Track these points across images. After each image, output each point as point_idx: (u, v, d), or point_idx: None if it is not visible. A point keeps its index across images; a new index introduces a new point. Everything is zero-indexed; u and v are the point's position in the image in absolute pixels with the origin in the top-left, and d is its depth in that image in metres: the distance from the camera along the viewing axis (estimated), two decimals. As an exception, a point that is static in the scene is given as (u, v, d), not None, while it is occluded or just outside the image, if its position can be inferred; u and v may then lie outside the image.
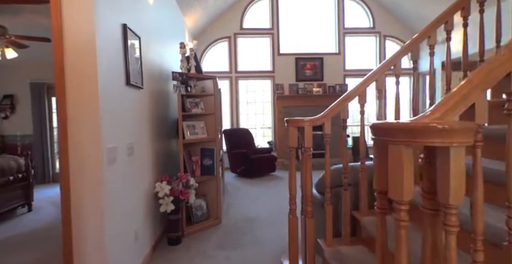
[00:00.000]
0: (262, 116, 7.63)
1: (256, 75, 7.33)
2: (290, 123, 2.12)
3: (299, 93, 7.12)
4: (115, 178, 1.98)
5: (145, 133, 2.75)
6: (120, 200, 2.08)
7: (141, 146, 2.62)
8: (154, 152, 2.99)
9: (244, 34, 7.28)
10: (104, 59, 1.87)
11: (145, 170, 2.72)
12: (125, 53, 2.26)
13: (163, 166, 3.26)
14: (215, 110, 3.60)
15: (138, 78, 2.54)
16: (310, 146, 2.07)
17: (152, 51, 3.15)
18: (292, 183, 2.17)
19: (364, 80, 2.21)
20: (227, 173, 6.42)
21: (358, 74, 7.40)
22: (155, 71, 3.21)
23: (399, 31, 7.28)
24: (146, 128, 2.80)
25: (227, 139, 6.59)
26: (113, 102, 2.00)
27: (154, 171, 2.98)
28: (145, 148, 2.76)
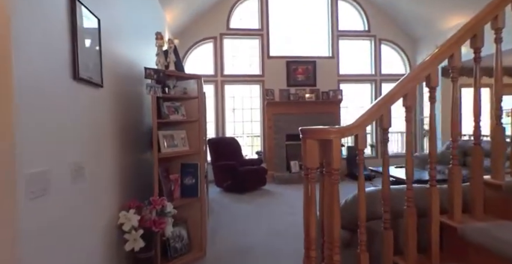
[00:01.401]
0: (250, 123, 7.01)
1: (244, 79, 6.74)
2: (308, 134, 1.51)
3: (290, 100, 6.57)
4: (46, 218, 1.30)
5: (106, 146, 2.07)
6: (59, 246, 1.40)
7: (99, 165, 1.94)
8: (119, 171, 2.30)
9: (231, 35, 6.70)
10: (29, 40, 1.21)
11: (104, 196, 2.03)
12: (72, 35, 1.60)
13: (132, 188, 2.56)
14: (199, 117, 2.96)
15: (95, 73, 1.87)
16: (338, 166, 1.46)
17: (121, 43, 2.49)
18: (310, 221, 1.54)
19: (415, 73, 1.63)
20: (212, 188, 5.72)
21: (353, 79, 6.95)
22: (124, 68, 2.55)
23: (395, 35, 6.91)
24: (108, 139, 2.11)
25: (212, 149, 5.92)
26: (46, 103, 1.34)
27: (119, 195, 2.29)
28: (106, 167, 2.07)
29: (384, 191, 1.59)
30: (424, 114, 6.84)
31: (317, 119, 6.59)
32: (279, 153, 6.58)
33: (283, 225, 3.76)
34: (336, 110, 6.69)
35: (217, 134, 6.70)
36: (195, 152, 2.92)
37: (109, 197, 2.11)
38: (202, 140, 3.09)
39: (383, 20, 6.85)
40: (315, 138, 1.48)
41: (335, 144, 1.42)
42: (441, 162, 5.62)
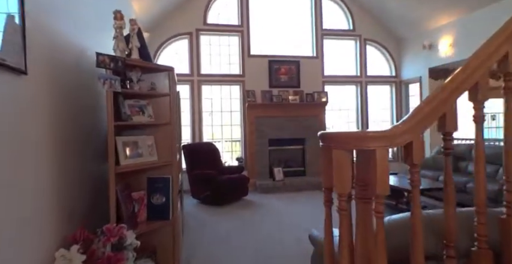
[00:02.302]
0: (229, 127, 6.46)
1: (222, 79, 6.19)
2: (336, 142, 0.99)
3: (273, 102, 6.09)
4: None
5: (33, 158, 1.46)
6: None
7: (19, 183, 1.32)
8: (58, 191, 1.68)
9: (208, 31, 6.15)
10: None
11: (29, 227, 1.41)
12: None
13: (78, 214, 1.94)
14: (172, 119, 2.38)
15: (12, 54, 1.27)
16: (386, 191, 0.95)
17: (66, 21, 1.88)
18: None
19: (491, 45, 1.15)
20: (187, 199, 5.10)
21: (338, 81, 6.60)
22: (70, 54, 1.94)
23: (380, 35, 6.64)
24: (38, 148, 1.50)
25: (187, 157, 5.30)
26: None
27: (57, 225, 1.67)
28: (34, 185, 1.45)
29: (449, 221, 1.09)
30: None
31: (301, 123, 6.17)
32: (262, 160, 6.07)
33: (271, 245, 3.22)
34: (321, 113, 6.29)
35: (193, 139, 6.09)
36: (166, 163, 2.34)
37: (39, 229, 1.49)
38: (176, 148, 2.51)
39: (368, 19, 6.57)
40: (347, 148, 0.97)
41: (380, 158, 0.92)
42: (431, 167, 5.36)
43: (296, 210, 4.59)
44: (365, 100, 6.62)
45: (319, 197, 5.36)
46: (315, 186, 5.84)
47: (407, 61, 6.43)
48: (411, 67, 6.33)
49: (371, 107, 6.73)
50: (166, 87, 2.43)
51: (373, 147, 0.92)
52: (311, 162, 6.23)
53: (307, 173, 6.25)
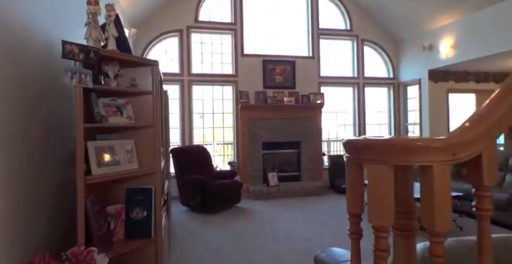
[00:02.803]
0: (221, 130, 6.15)
1: (214, 79, 5.89)
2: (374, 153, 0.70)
3: (268, 103, 5.82)
4: None
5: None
6: None
7: None
8: (7, 208, 1.37)
9: (200, 28, 5.85)
10: None
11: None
12: None
13: (38, 234, 1.62)
14: (155, 120, 2.08)
15: None
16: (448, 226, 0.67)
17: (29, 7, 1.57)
18: None
19: None
20: (176, 207, 4.78)
21: (335, 82, 6.37)
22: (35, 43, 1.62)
23: (378, 36, 6.44)
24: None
25: (176, 161, 4.98)
26: None
27: (10, 252, 1.35)
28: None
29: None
30: (409, 121, 6.41)
31: (297, 125, 5.92)
32: (255, 164, 5.78)
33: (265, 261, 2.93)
34: (317, 115, 6.05)
35: (183, 142, 5.77)
36: (149, 171, 2.03)
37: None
38: (159, 153, 2.20)
39: (365, 19, 6.37)
40: (389, 163, 0.69)
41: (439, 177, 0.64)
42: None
43: (292, 219, 4.31)
44: (362, 102, 6.41)
45: (315, 204, 5.11)
46: (311, 191, 5.58)
47: (406, 62, 6.24)
48: (410, 69, 6.13)
49: (368, 110, 6.52)
50: (150, 85, 2.13)
51: (428, 162, 0.64)
52: (306, 166, 5.97)
53: (303, 178, 5.99)
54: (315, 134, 6.00)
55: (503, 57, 4.79)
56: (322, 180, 5.96)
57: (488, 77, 6.02)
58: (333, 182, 5.98)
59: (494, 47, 4.45)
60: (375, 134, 6.65)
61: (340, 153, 6.57)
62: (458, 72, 5.82)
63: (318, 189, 5.64)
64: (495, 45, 4.42)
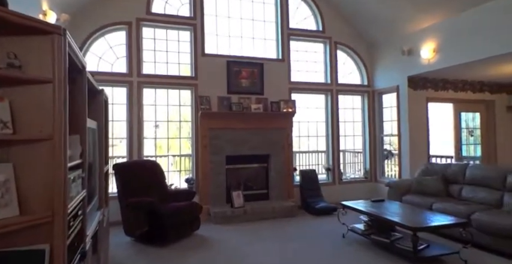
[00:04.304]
0: (178, 141, 5.24)
1: (169, 81, 5.00)
2: None
3: (232, 110, 5.03)
4: None
5: None
6: None
7: None
8: None
9: (152, 21, 4.96)
10: None
11: None
12: None
13: None
14: (56, 128, 1.20)
15: None
16: None
17: None
18: None
19: None
20: (118, 237, 3.79)
21: (307, 88, 5.78)
22: None
23: (352, 39, 6.01)
24: None
25: (120, 180, 4.00)
26: None
27: None
28: None
29: None
30: (384, 132, 5.99)
31: (265, 136, 5.20)
32: (217, 181, 4.92)
33: None
34: (288, 125, 5.37)
35: (130, 155, 4.76)
36: (41, 220, 1.14)
37: None
38: (65, 183, 1.30)
39: (339, 20, 5.90)
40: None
41: None
42: (418, 191, 4.67)
43: (263, 250, 3.52)
44: (336, 111, 5.87)
45: (288, 228, 4.30)
46: (281, 213, 4.84)
47: (383, 68, 5.83)
48: (387, 75, 5.72)
49: (342, 119, 6.01)
50: (49, 68, 1.26)
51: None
52: (275, 183, 5.23)
53: (271, 197, 5.24)
54: (285, 147, 5.32)
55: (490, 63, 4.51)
56: (293, 199, 5.25)
57: (466, 85, 5.81)
58: (305, 201, 5.30)
59: (482, 52, 4.11)
60: (349, 146, 6.14)
61: (313, 167, 5.95)
62: (437, 80, 5.52)
63: (288, 209, 4.92)
64: (483, 50, 4.08)
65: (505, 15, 3.85)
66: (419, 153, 5.36)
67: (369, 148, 6.07)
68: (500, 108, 6.19)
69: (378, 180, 5.95)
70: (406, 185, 4.65)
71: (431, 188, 4.41)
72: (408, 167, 5.27)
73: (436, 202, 4.03)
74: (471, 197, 4.05)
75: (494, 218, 3.30)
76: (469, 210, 3.55)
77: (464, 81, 5.80)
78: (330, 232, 4.08)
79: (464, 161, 5.89)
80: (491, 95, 6.11)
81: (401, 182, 4.80)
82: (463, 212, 3.56)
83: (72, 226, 1.46)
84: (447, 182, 4.42)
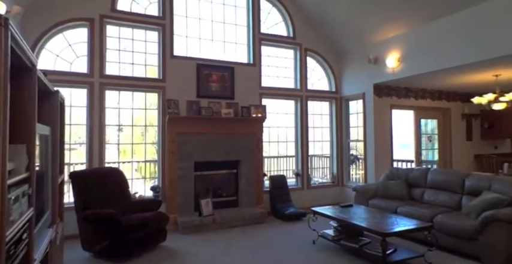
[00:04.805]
0: (143, 146, 4.97)
1: (135, 83, 4.74)
2: None
3: (202, 115, 4.88)
4: None
5: None
6: None
7: None
8: None
9: (117, 19, 4.68)
10: None
11: None
12: None
13: None
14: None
15: None
16: None
17: None
18: None
19: None
20: (75, 252, 3.47)
21: (277, 94, 5.77)
22: None
23: (322, 46, 6.11)
24: None
25: (77, 190, 3.68)
26: None
27: None
28: None
29: None
30: (351, 137, 6.14)
31: (235, 142, 5.10)
32: (186, 189, 4.73)
33: None
34: (259, 130, 5.32)
35: (90, 162, 4.42)
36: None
37: None
38: None
39: (309, 28, 5.99)
40: None
41: None
42: (383, 195, 4.82)
43: (233, 260, 3.41)
44: (305, 117, 5.93)
45: (259, 235, 4.18)
46: (251, 220, 4.76)
47: (350, 76, 5.99)
48: (354, 82, 5.89)
49: (311, 125, 6.07)
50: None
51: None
52: (245, 189, 5.14)
53: (241, 203, 5.13)
54: (256, 152, 5.25)
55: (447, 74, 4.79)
56: (262, 205, 5.20)
57: (426, 94, 6.16)
58: (274, 207, 5.26)
59: (441, 63, 4.36)
60: (318, 151, 6.23)
61: (282, 172, 5.95)
62: (400, 88, 5.78)
63: (258, 216, 4.85)
64: (445, 60, 4.31)
65: (462, 30, 4.12)
66: (383, 158, 5.56)
67: (336, 153, 6.19)
68: (455, 115, 6.62)
69: (344, 185, 6.08)
70: (372, 189, 4.78)
71: (395, 192, 4.57)
72: (373, 172, 5.44)
73: (400, 206, 4.17)
74: (433, 200, 4.24)
75: (454, 220, 3.47)
76: (432, 213, 3.71)
77: (424, 90, 6.14)
78: (300, 238, 4.06)
79: (423, 165, 6.22)
80: (447, 103, 6.53)
81: (367, 187, 4.93)
82: (426, 215, 3.71)
83: (14, 254, 1.25)
84: (410, 186, 4.60)
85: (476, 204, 3.55)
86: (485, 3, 3.84)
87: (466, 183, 3.99)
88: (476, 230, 3.16)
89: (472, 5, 3.97)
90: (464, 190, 3.98)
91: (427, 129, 6.53)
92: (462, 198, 3.96)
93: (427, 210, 3.86)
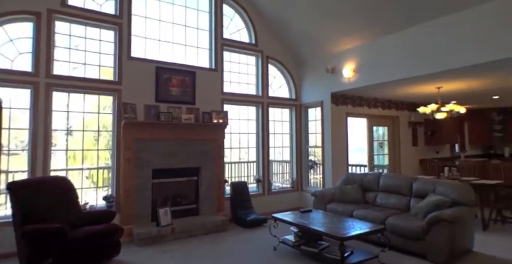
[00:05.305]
0: (95, 153, 4.63)
1: (87, 85, 4.42)
2: None
3: (161, 120, 4.70)
4: None
5: None
6: None
7: None
8: None
9: (68, 15, 4.34)
10: None
11: None
12: None
13: None
14: None
15: None
16: None
17: None
18: None
19: None
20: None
21: (239, 100, 5.76)
22: None
23: (283, 55, 6.24)
24: None
25: (16, 203, 3.31)
26: None
27: None
28: None
29: None
30: (310, 144, 6.32)
31: (196, 148, 4.99)
32: (142, 198, 4.49)
33: None
34: (220, 137, 5.26)
35: (32, 169, 4.02)
36: None
37: None
38: None
39: (271, 36, 6.08)
40: None
41: None
42: (340, 199, 4.99)
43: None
44: (266, 123, 5.98)
45: (221, 244, 3.96)
46: (211, 228, 4.66)
47: (309, 84, 6.19)
48: (313, 91, 6.10)
49: (272, 131, 6.15)
50: None
51: None
52: (206, 197, 5.03)
53: (202, 211, 5.00)
54: (217, 159, 5.17)
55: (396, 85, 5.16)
56: (223, 212, 5.12)
57: (378, 103, 6.57)
58: (236, 214, 5.21)
59: (393, 74, 4.68)
60: (278, 157, 6.31)
61: (243, 178, 5.93)
62: (355, 97, 6.10)
63: (219, 224, 4.76)
64: (394, 72, 4.65)
65: (409, 46, 4.48)
66: (340, 163, 5.80)
67: (296, 159, 6.33)
68: (403, 123, 7.15)
69: (304, 190, 6.23)
70: (330, 194, 4.94)
71: (351, 196, 4.78)
72: (330, 176, 5.66)
73: (356, 209, 4.36)
74: (384, 203, 4.51)
75: (404, 221, 3.72)
76: (384, 216, 3.94)
77: (376, 99, 6.55)
78: (261, 245, 4.05)
79: (375, 169, 6.61)
80: (396, 112, 7.03)
81: (325, 191, 5.08)
82: (379, 217, 3.93)
83: None
84: (365, 190, 4.85)
85: (423, 206, 3.84)
86: (430, 21, 4.20)
87: (413, 186, 4.31)
88: (423, 230, 3.42)
89: (418, 23, 4.32)
90: (412, 193, 4.30)
91: (378, 135, 6.96)
92: (410, 200, 4.26)
93: (380, 212, 4.09)
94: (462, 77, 4.66)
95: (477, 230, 4.04)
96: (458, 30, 3.92)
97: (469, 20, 3.81)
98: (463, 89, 5.50)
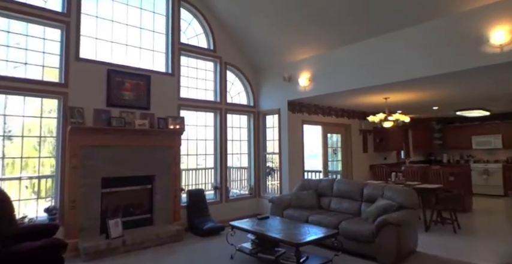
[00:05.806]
0: (37, 161, 4.24)
1: (29, 87, 4.05)
2: None
3: (113, 126, 4.45)
4: None
5: None
6: None
7: None
8: None
9: (5, 9, 3.96)
10: None
11: None
12: None
13: None
14: None
15: None
16: None
17: None
18: None
19: None
20: None
21: (196, 106, 5.67)
22: None
23: (241, 62, 6.28)
24: None
25: None
26: None
27: None
28: None
29: None
30: (267, 150, 6.39)
31: (151, 155, 4.79)
32: (90, 209, 4.19)
33: None
34: (177, 143, 5.11)
35: (-42, 181, 3.55)
36: None
37: None
38: None
39: (230, 42, 6.10)
40: None
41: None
42: (296, 205, 5.08)
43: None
44: (224, 130, 5.95)
45: (177, 255, 3.89)
46: (166, 238, 4.48)
47: (267, 92, 6.29)
48: (270, 98, 6.20)
49: (230, 138, 6.12)
50: None
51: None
52: (161, 206, 4.84)
53: (156, 221, 4.80)
54: (173, 166, 5.01)
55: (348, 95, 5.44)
56: (179, 221, 4.96)
57: (332, 111, 6.86)
58: (192, 223, 5.08)
59: (345, 84, 4.93)
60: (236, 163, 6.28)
61: (201, 185, 5.80)
62: (310, 105, 6.32)
63: (175, 234, 4.59)
64: (346, 83, 4.91)
65: (360, 58, 4.76)
66: (296, 169, 5.94)
67: (254, 165, 6.36)
68: (354, 130, 7.54)
69: (261, 196, 6.26)
70: (287, 200, 5.02)
71: (307, 202, 4.90)
72: (287, 182, 5.76)
73: (311, 215, 4.47)
74: (338, 208, 4.68)
75: (356, 225, 3.89)
76: (337, 220, 4.09)
77: (330, 108, 6.84)
78: (218, 255, 3.97)
79: (329, 174, 6.87)
80: (348, 120, 7.40)
81: (282, 198, 5.15)
82: (333, 222, 4.07)
83: None
84: (319, 196, 5.01)
85: (372, 210, 4.05)
86: (383, 34, 4.48)
87: (364, 191, 4.54)
88: (373, 233, 3.61)
89: (372, 36, 4.60)
90: (363, 198, 4.52)
91: (332, 142, 7.26)
92: (361, 205, 4.48)
93: (333, 217, 4.24)
94: (408, 89, 5.05)
95: (420, 231, 4.35)
96: (407, 44, 4.24)
97: (418, 35, 4.13)
98: (407, 99, 5.96)
